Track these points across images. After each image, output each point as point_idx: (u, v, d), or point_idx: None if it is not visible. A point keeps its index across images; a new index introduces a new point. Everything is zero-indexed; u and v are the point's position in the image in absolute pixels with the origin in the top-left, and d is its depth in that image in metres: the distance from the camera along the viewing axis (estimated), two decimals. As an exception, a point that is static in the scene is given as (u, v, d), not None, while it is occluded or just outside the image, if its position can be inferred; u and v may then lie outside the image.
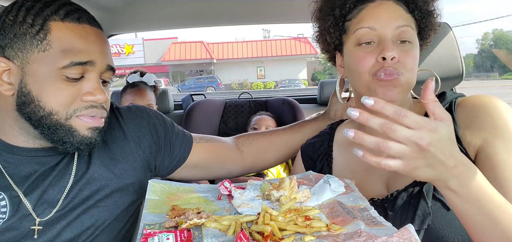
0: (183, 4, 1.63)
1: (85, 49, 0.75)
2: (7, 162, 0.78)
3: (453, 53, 1.13)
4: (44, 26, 0.73)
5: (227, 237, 0.64)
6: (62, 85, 0.74)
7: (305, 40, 27.35)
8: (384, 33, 0.80)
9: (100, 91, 0.78)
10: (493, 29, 27.55)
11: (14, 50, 0.73)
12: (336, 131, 1.02)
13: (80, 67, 0.75)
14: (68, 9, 0.76)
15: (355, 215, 0.66)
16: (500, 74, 21.86)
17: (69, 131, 0.76)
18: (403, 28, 0.80)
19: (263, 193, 0.81)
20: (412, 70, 0.80)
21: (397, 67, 0.79)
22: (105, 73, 0.81)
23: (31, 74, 0.73)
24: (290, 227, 0.63)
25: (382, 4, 0.82)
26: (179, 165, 1.03)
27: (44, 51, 0.73)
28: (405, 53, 0.80)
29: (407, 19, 0.82)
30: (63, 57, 0.73)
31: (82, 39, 0.76)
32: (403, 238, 0.56)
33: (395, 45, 0.80)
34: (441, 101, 0.83)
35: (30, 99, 0.74)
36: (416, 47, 0.82)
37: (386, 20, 0.80)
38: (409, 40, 0.81)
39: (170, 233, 0.63)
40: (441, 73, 1.13)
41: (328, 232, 0.63)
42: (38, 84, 0.74)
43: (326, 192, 0.76)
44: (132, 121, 0.96)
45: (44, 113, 0.74)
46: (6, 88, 0.75)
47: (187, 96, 2.73)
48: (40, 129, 0.76)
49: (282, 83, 23.99)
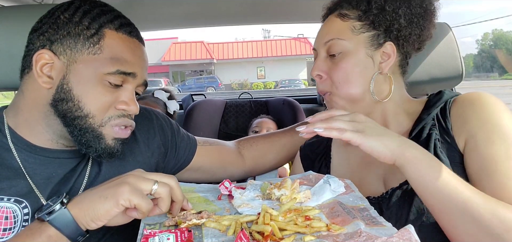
0: (183, 4, 1.63)
1: (131, 61, 0.78)
2: (27, 161, 0.78)
3: (453, 53, 1.13)
4: (99, 31, 0.76)
5: (227, 237, 0.64)
6: (103, 90, 0.76)
7: (305, 40, 27.36)
8: (318, 51, 0.88)
9: (134, 103, 0.81)
10: (493, 29, 27.54)
11: (63, 46, 0.75)
12: None
13: (123, 77, 0.78)
14: (122, 22, 0.80)
15: (355, 215, 0.66)
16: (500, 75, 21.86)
17: (98, 137, 0.78)
18: (329, 42, 0.85)
19: (263, 193, 0.81)
20: (342, 83, 0.83)
21: (325, 86, 0.86)
22: (140, 87, 0.84)
23: (76, 73, 0.75)
24: (290, 227, 0.63)
25: (327, 21, 0.89)
26: (182, 168, 1.04)
27: (94, 54, 0.76)
28: (334, 66, 0.84)
29: (338, 31, 0.84)
30: (111, 64, 0.76)
31: (130, 51, 0.79)
32: (403, 239, 0.56)
33: (327, 61, 0.86)
34: (437, 100, 0.84)
35: (70, 97, 0.75)
36: (349, 55, 0.83)
37: (319, 38, 0.88)
38: (338, 52, 0.83)
39: (170, 234, 0.63)
40: (441, 73, 1.13)
41: (328, 232, 0.63)
42: (81, 84, 0.75)
43: (326, 192, 0.77)
44: (141, 123, 0.97)
45: (81, 114, 0.76)
46: (45, 81, 0.76)
47: (187, 96, 2.73)
48: (71, 128, 0.77)
49: (282, 83, 23.99)
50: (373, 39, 0.83)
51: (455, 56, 1.13)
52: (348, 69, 0.82)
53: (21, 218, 0.74)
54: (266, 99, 2.35)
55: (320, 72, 0.86)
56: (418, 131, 0.81)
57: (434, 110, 0.82)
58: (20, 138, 0.79)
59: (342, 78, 0.83)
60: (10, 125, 0.80)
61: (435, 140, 0.78)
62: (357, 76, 0.82)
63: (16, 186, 0.75)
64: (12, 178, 0.75)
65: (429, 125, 0.81)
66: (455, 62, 1.13)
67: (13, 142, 0.78)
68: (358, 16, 0.84)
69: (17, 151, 0.78)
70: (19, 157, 0.77)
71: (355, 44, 0.83)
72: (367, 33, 0.83)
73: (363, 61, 0.83)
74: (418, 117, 0.84)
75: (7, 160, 0.76)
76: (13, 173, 0.76)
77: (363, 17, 0.83)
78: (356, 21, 0.83)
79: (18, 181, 0.76)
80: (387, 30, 0.83)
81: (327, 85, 0.86)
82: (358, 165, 0.91)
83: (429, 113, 0.82)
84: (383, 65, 0.84)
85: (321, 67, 0.86)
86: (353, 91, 0.83)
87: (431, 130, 0.79)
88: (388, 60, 0.84)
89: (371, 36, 0.83)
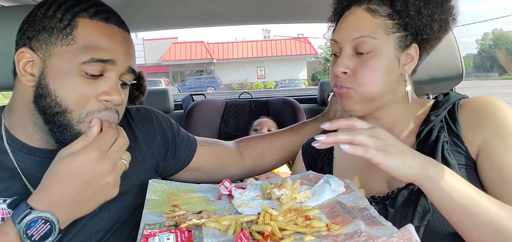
0: (183, 4, 1.63)
1: (108, 48, 0.75)
2: (23, 162, 0.77)
3: (453, 53, 1.13)
4: (72, 21, 0.74)
5: (227, 237, 0.64)
6: (80, 82, 0.73)
7: (305, 40, 27.37)
8: (343, 46, 0.83)
9: (116, 92, 0.76)
10: (493, 29, 27.53)
11: (39, 42, 0.74)
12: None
13: (100, 65, 0.74)
14: (98, 9, 0.76)
15: (355, 215, 0.66)
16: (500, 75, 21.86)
17: (76, 136, 0.74)
18: (359, 39, 0.80)
19: (263, 193, 0.81)
20: (367, 83, 0.80)
21: (347, 82, 0.82)
22: (126, 75, 0.80)
23: (52, 67, 0.73)
24: (290, 227, 0.63)
25: (351, 13, 0.83)
26: (182, 168, 1.03)
27: (68, 45, 0.73)
28: (362, 65, 0.80)
29: (369, 28, 0.79)
30: (85, 52, 0.73)
31: (107, 38, 0.76)
32: (403, 238, 0.56)
33: (353, 57, 0.81)
34: (445, 102, 0.83)
35: (47, 92, 0.73)
36: (379, 55, 0.80)
37: (345, 32, 0.82)
38: (367, 51, 0.79)
39: (170, 234, 0.63)
40: (441, 73, 1.13)
41: (328, 232, 0.63)
42: (57, 78, 0.73)
43: (326, 192, 0.77)
44: (142, 123, 0.96)
45: (59, 109, 0.73)
46: (28, 79, 0.74)
47: (187, 96, 2.73)
48: (51, 125, 0.75)
49: (282, 83, 24.00)
50: (401, 40, 0.81)
51: (455, 56, 1.13)
52: (377, 69, 0.79)
53: None
54: (266, 99, 2.35)
55: (346, 69, 0.81)
56: (427, 133, 0.81)
57: (442, 112, 0.82)
58: (15, 139, 0.78)
59: (368, 77, 0.80)
60: (6, 125, 0.79)
61: (443, 142, 0.77)
62: (383, 76, 0.80)
63: (11, 188, 0.75)
64: (8, 179, 0.75)
65: (438, 127, 0.80)
66: (455, 62, 1.13)
67: (9, 143, 0.78)
68: (390, 15, 0.80)
69: (13, 153, 0.77)
70: (14, 158, 0.77)
71: (386, 44, 0.80)
72: (398, 33, 0.80)
73: (392, 62, 0.80)
74: (425, 119, 0.84)
75: (3, 162, 0.76)
76: (9, 174, 0.75)
77: (396, 16, 0.80)
78: (388, 20, 0.80)
79: (14, 182, 0.75)
80: (416, 32, 0.81)
81: (349, 82, 0.82)
82: (361, 164, 0.91)
83: (438, 115, 0.81)
84: (406, 67, 0.83)
85: (348, 64, 0.81)
86: (375, 90, 0.81)
87: (439, 132, 0.79)
88: (411, 63, 0.83)
89: (401, 37, 0.80)
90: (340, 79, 0.83)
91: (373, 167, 0.87)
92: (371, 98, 0.82)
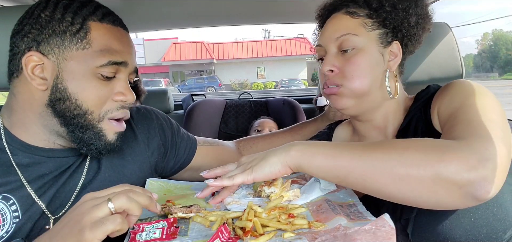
0: (183, 4, 1.63)
1: (120, 50, 0.79)
2: (20, 160, 0.78)
3: (453, 54, 1.13)
4: (84, 25, 0.76)
5: (211, 231, 0.66)
6: (98, 84, 0.76)
7: (305, 41, 27.36)
8: (328, 48, 0.87)
9: (129, 92, 0.81)
10: (493, 29, 27.54)
11: (51, 45, 0.74)
12: (335, 131, 1.04)
13: (115, 67, 0.78)
14: (104, 11, 0.79)
15: (339, 212, 0.67)
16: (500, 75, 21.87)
17: (98, 133, 0.78)
18: (342, 38, 0.84)
19: (255, 190, 0.82)
20: (355, 77, 0.83)
21: (336, 79, 0.85)
22: (132, 75, 0.85)
23: (68, 71, 0.75)
24: (273, 224, 0.65)
25: (332, 18, 0.89)
26: (182, 167, 1.04)
27: (83, 49, 0.75)
28: (347, 61, 0.84)
29: (350, 27, 0.84)
30: (102, 56, 0.76)
31: (118, 40, 0.79)
32: (377, 226, 0.57)
33: (338, 56, 0.85)
34: (425, 94, 0.85)
35: (66, 96, 0.75)
36: (363, 51, 0.83)
37: (328, 35, 0.87)
38: (351, 48, 0.83)
39: (157, 229, 0.65)
40: (441, 74, 1.13)
41: (310, 229, 0.64)
42: (75, 81, 0.75)
43: (315, 190, 0.78)
44: (142, 122, 0.97)
45: (80, 111, 0.76)
46: (39, 83, 0.75)
47: (187, 96, 2.73)
48: (71, 127, 0.76)
49: (282, 84, 24.00)
50: (382, 37, 0.85)
51: (455, 56, 1.13)
52: (362, 64, 0.83)
53: (10, 215, 0.74)
54: (266, 99, 2.35)
55: (332, 67, 0.85)
56: (406, 125, 0.84)
57: (421, 103, 0.84)
58: (14, 137, 0.79)
59: (355, 72, 0.83)
60: (5, 125, 0.80)
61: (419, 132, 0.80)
62: (369, 71, 0.83)
63: (5, 185, 0.75)
64: (3, 176, 0.75)
65: (416, 117, 0.83)
66: (455, 62, 1.13)
67: (7, 142, 0.78)
68: (368, 14, 0.85)
69: (11, 150, 0.78)
70: (12, 156, 0.77)
71: (368, 40, 0.84)
72: (378, 30, 0.85)
73: (376, 57, 0.84)
74: (408, 113, 0.86)
75: (0, 158, 0.76)
76: (4, 171, 0.76)
77: (374, 14, 0.84)
78: (367, 18, 0.85)
79: (8, 178, 0.75)
80: (395, 29, 0.85)
81: (338, 79, 0.85)
82: None
83: (417, 106, 0.84)
84: (391, 64, 0.86)
85: (333, 62, 0.85)
86: (364, 85, 0.83)
87: (417, 123, 0.82)
88: (395, 59, 0.86)
89: (381, 33, 0.85)
90: (329, 78, 0.86)
91: None
92: (361, 93, 0.84)
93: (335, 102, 0.87)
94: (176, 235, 0.64)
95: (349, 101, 0.85)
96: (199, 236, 0.64)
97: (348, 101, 0.85)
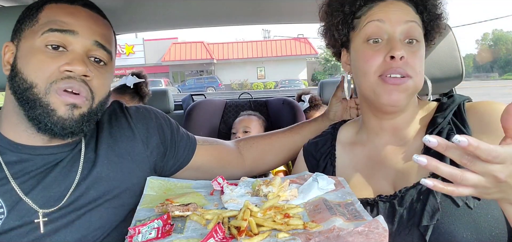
0: (183, 4, 1.63)
1: (68, 21, 0.80)
2: (8, 158, 0.79)
3: (453, 54, 1.13)
4: (39, 8, 0.81)
5: (207, 229, 0.66)
6: (43, 56, 0.78)
7: (305, 41, 27.36)
8: (393, 30, 0.79)
9: (79, 63, 0.78)
10: (493, 29, 27.55)
11: (16, 33, 0.83)
12: (339, 131, 1.03)
13: (59, 35, 0.79)
14: None
15: (335, 212, 0.67)
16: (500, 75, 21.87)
17: (46, 108, 0.76)
18: (411, 23, 0.79)
19: (253, 190, 0.82)
20: (420, 73, 0.80)
21: (407, 69, 0.78)
22: (95, 51, 0.83)
23: (21, 50, 0.80)
24: (268, 224, 0.65)
25: (392, 3, 0.82)
26: (182, 167, 1.03)
27: (32, 27, 0.80)
28: (413, 54, 0.79)
29: (415, 17, 0.81)
30: (45, 26, 0.79)
31: (70, 15, 0.81)
32: (370, 228, 0.57)
33: (403, 45, 0.79)
34: (450, 103, 0.84)
35: (16, 72, 0.79)
36: (423, 48, 0.82)
37: (395, 17, 0.80)
38: (417, 39, 0.80)
39: (153, 229, 0.65)
40: (441, 74, 1.13)
41: (304, 230, 0.64)
42: (23, 58, 0.79)
43: (313, 190, 0.78)
44: (141, 121, 0.97)
45: (26, 85, 0.77)
46: (8, 69, 0.81)
47: (187, 96, 2.74)
48: (23, 104, 0.77)
49: (282, 84, 24.01)
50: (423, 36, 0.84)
51: (455, 56, 1.13)
52: (422, 61, 0.81)
53: None
54: (266, 99, 2.35)
55: (405, 55, 0.77)
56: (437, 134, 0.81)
57: (449, 114, 0.82)
58: (3, 137, 0.81)
59: (421, 68, 0.80)
60: None
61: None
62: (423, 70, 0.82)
63: None
64: None
65: (446, 129, 0.80)
66: (455, 62, 1.13)
67: None
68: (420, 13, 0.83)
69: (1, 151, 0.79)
70: (1, 154, 0.79)
71: (421, 36, 0.83)
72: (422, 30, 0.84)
73: None
74: (431, 121, 0.84)
75: None
76: None
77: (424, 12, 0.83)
78: (417, 14, 0.83)
79: None
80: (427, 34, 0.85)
81: (409, 69, 0.78)
82: (364, 164, 0.91)
83: (445, 117, 0.82)
84: None
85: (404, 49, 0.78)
86: (420, 85, 0.81)
87: (449, 134, 0.79)
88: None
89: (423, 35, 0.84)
90: (400, 65, 0.77)
91: (375, 166, 0.88)
92: (417, 91, 0.81)
93: (395, 95, 0.78)
94: (171, 233, 0.65)
95: (406, 98, 0.80)
96: (194, 235, 0.64)
97: (406, 98, 0.80)
